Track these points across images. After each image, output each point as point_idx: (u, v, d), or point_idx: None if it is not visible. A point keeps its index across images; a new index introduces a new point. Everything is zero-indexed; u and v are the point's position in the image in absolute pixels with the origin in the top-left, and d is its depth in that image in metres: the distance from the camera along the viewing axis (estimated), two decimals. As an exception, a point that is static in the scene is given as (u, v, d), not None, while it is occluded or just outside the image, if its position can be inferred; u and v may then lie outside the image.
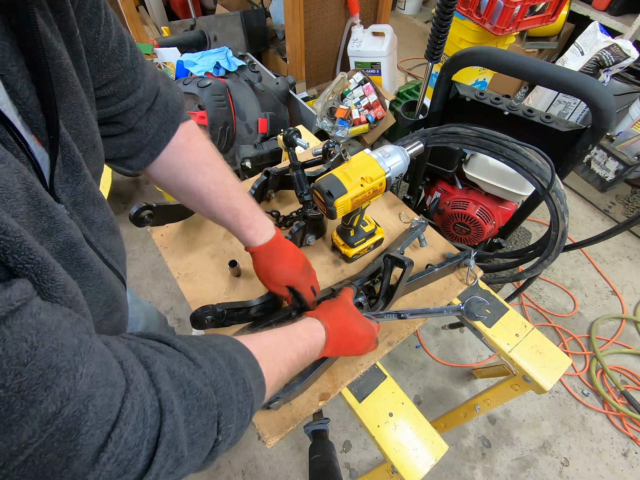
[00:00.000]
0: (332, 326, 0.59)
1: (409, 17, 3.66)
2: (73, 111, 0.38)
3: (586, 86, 0.80)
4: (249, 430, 1.42)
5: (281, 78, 1.98)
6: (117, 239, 0.51)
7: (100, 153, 0.46)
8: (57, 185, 0.37)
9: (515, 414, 1.52)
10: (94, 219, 0.44)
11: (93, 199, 0.43)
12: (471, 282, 0.88)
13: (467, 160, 1.32)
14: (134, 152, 0.57)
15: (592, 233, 1.77)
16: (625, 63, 1.87)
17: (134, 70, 0.50)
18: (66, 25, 0.37)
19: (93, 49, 0.43)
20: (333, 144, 0.91)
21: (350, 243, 0.88)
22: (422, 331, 1.71)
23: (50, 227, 0.32)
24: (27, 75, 0.31)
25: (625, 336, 1.73)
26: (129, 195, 2.18)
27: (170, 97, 0.58)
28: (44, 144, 0.34)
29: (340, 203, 0.69)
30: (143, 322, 0.91)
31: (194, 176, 0.61)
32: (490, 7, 1.81)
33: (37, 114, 0.33)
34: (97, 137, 0.44)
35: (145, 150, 0.57)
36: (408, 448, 0.69)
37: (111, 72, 0.46)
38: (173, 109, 0.58)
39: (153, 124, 0.56)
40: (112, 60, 0.46)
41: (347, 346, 0.62)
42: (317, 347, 0.56)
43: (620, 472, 1.40)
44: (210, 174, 0.62)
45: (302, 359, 0.53)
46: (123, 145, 0.55)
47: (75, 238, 0.35)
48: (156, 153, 0.58)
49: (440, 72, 1.01)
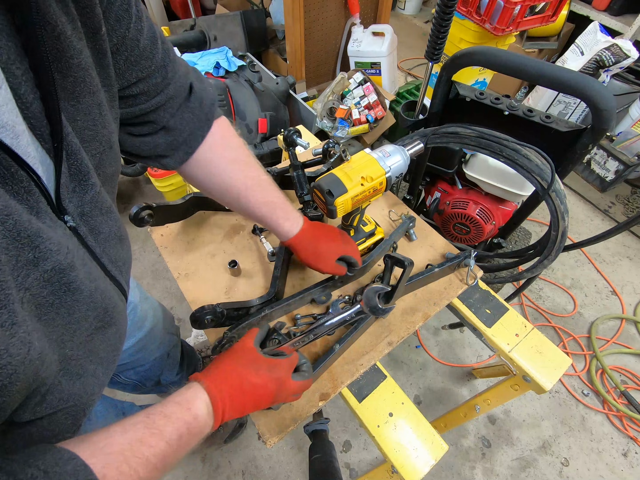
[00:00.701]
0: (219, 385, 0.48)
1: (409, 17, 3.66)
2: (89, 112, 0.37)
3: (586, 86, 0.80)
4: (249, 430, 1.42)
5: (281, 78, 1.98)
6: (124, 246, 0.50)
7: (117, 153, 0.45)
8: (64, 195, 0.36)
9: (515, 414, 1.52)
10: (101, 229, 0.43)
11: (101, 208, 0.42)
12: (471, 282, 0.88)
13: (467, 160, 1.32)
14: (170, 151, 0.56)
15: (592, 233, 1.77)
16: (625, 63, 1.87)
17: (165, 67, 0.49)
18: (91, 21, 0.35)
19: (122, 47, 0.41)
20: (333, 144, 0.91)
21: (350, 243, 0.88)
22: (422, 331, 1.71)
23: (35, 257, 0.31)
24: (31, 78, 0.30)
25: (625, 336, 1.73)
26: (129, 195, 2.18)
27: (205, 94, 0.57)
28: (48, 152, 0.33)
29: (340, 202, 0.69)
30: (151, 319, 0.92)
31: (230, 172, 0.61)
32: (490, 7, 1.81)
33: (40, 120, 0.32)
34: (114, 138, 0.43)
35: (181, 149, 0.57)
36: (408, 448, 0.69)
37: (142, 70, 0.45)
38: (207, 105, 0.58)
39: (188, 122, 0.55)
40: (142, 58, 0.45)
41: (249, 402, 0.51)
42: (201, 420, 0.45)
43: (620, 472, 1.40)
44: (245, 170, 0.63)
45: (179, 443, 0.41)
46: (159, 144, 0.54)
47: (64, 264, 0.34)
48: (191, 151, 0.58)
49: (440, 72, 1.01)
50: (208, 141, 0.59)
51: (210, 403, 0.46)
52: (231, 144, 0.62)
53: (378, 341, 0.79)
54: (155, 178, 1.78)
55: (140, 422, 0.40)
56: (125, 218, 0.71)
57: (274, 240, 0.91)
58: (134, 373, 0.97)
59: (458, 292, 0.87)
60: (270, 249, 0.91)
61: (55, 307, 0.35)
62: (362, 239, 0.88)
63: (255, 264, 0.91)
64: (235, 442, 1.40)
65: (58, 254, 0.33)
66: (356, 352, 0.77)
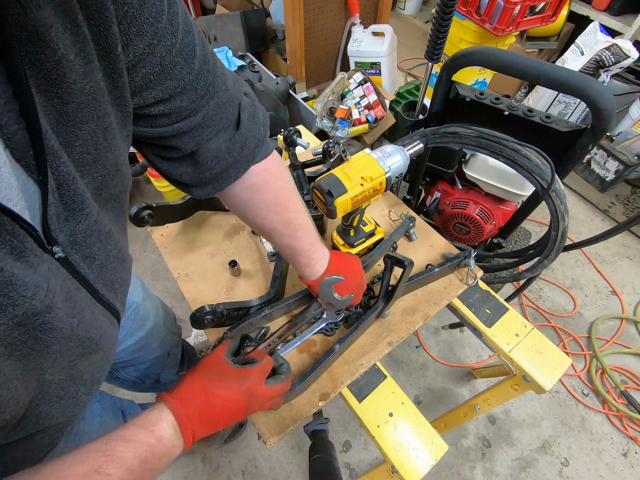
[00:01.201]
0: (186, 404, 0.46)
1: (409, 17, 3.67)
2: (92, 137, 0.34)
3: (586, 86, 0.80)
4: (249, 430, 1.42)
5: (281, 78, 1.98)
6: (125, 267, 0.47)
7: (125, 174, 0.42)
8: (54, 225, 0.33)
9: (515, 414, 1.52)
10: (97, 256, 0.40)
11: (98, 235, 0.39)
12: (471, 282, 0.88)
13: (467, 160, 1.32)
14: (197, 183, 0.53)
15: (592, 233, 1.77)
16: (625, 63, 1.87)
17: (196, 90, 0.42)
18: (105, 40, 0.32)
19: (141, 64, 0.37)
20: (333, 144, 0.91)
21: (350, 243, 0.88)
22: (422, 331, 1.71)
23: (4, 304, 0.29)
24: (15, 108, 0.28)
25: (625, 336, 1.73)
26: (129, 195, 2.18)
27: (251, 135, 0.52)
28: (35, 181, 0.31)
29: (340, 202, 0.69)
30: (153, 318, 0.91)
31: (263, 215, 0.59)
32: (490, 7, 1.81)
33: (25, 150, 0.29)
34: (121, 160, 0.40)
35: (210, 185, 0.53)
36: (408, 448, 0.69)
37: (164, 90, 0.40)
38: (249, 148, 0.52)
39: (221, 160, 0.50)
40: (166, 77, 0.39)
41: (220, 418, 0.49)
42: (167, 442, 0.43)
43: (620, 472, 1.40)
44: (279, 215, 0.59)
45: (143, 468, 0.40)
46: (185, 172, 0.50)
47: (40, 307, 0.31)
48: (221, 188, 0.54)
49: (440, 72, 1.01)
50: (245, 182, 0.55)
51: (176, 423, 0.44)
52: (273, 187, 0.58)
53: (378, 341, 0.79)
54: (156, 178, 1.78)
55: (100, 450, 0.38)
56: (125, 218, 0.71)
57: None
58: (133, 370, 0.97)
59: (458, 292, 0.87)
60: (270, 249, 0.91)
61: (29, 345, 0.33)
62: (362, 239, 0.88)
63: (255, 264, 0.91)
64: (235, 442, 1.40)
65: (33, 299, 0.31)
66: (356, 352, 0.77)
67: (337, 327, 0.81)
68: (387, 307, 0.79)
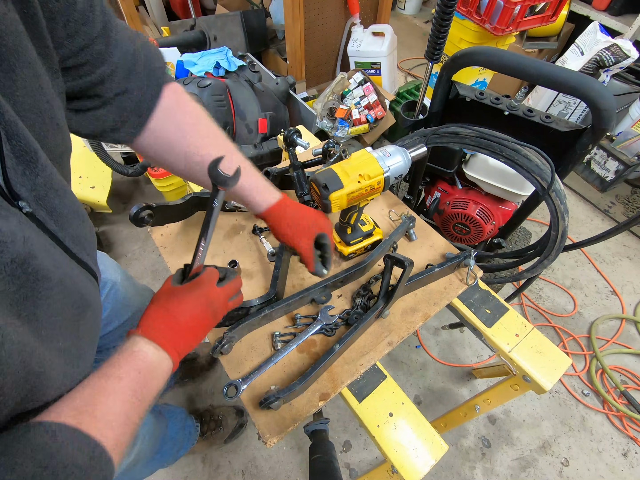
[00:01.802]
0: (154, 326, 0.48)
1: (409, 17, 3.66)
2: (28, 85, 0.35)
3: (586, 86, 0.80)
4: (249, 430, 1.42)
5: (281, 78, 1.98)
6: (85, 226, 0.48)
7: (65, 132, 0.43)
8: (15, 180, 0.34)
9: (515, 414, 1.51)
10: (60, 211, 0.41)
11: (57, 189, 0.40)
12: (471, 282, 0.88)
13: (467, 160, 1.32)
14: (120, 124, 0.53)
15: (592, 233, 1.77)
16: (625, 63, 1.87)
17: (107, 34, 0.45)
18: None
19: (59, 12, 0.38)
20: (333, 144, 0.91)
21: (346, 241, 0.88)
22: (422, 331, 1.71)
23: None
24: None
25: (625, 336, 1.73)
26: (129, 195, 2.18)
27: (151, 58, 0.54)
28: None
29: (335, 197, 0.69)
30: (137, 303, 0.92)
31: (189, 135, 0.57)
32: (490, 7, 1.81)
33: None
34: (60, 115, 0.41)
35: (131, 119, 0.53)
36: (408, 448, 0.69)
37: (83, 37, 0.42)
38: (154, 69, 0.54)
39: (135, 89, 0.51)
40: (82, 23, 0.41)
41: (193, 327, 0.51)
42: (152, 357, 0.45)
43: (620, 472, 1.40)
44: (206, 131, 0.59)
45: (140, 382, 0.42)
46: (107, 118, 0.51)
47: (23, 253, 0.32)
48: (143, 121, 0.55)
49: (440, 72, 1.01)
50: (161, 106, 0.55)
51: (151, 341, 0.46)
52: (189, 107, 0.59)
53: (378, 341, 0.79)
54: (155, 178, 1.78)
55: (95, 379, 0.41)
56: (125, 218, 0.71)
57: (274, 241, 0.91)
58: None
59: (458, 292, 0.87)
60: (270, 249, 0.91)
61: (31, 300, 0.34)
62: (359, 238, 0.88)
63: (255, 264, 0.91)
64: (235, 442, 1.40)
65: (14, 244, 0.32)
66: (356, 352, 0.77)
67: (337, 327, 0.81)
68: (387, 307, 0.79)
